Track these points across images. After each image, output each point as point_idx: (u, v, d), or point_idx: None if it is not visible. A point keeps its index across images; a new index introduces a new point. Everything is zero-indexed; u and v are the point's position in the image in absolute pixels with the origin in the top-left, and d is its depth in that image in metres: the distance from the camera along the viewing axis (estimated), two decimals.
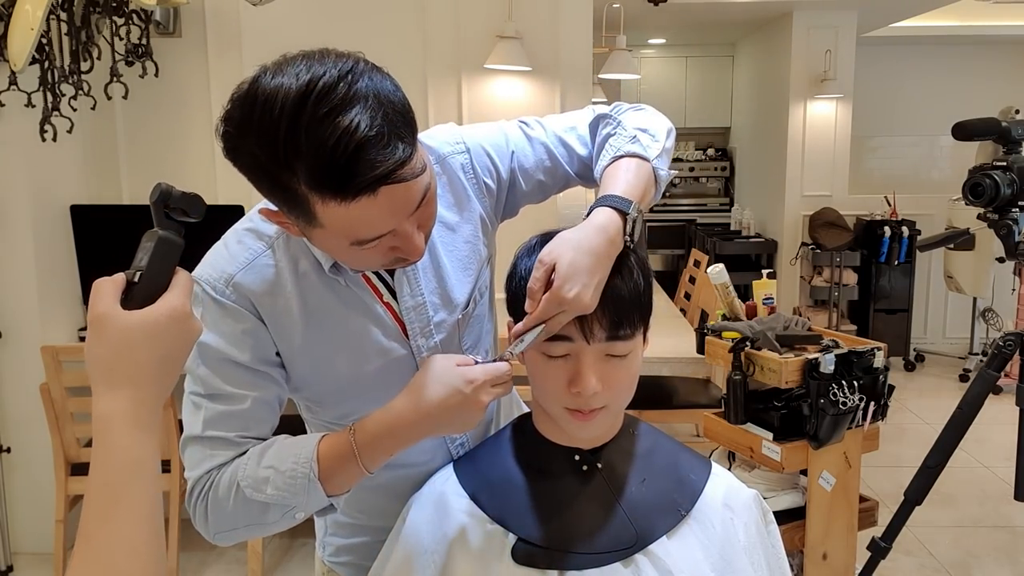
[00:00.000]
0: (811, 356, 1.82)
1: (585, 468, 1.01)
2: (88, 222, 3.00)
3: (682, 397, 3.24)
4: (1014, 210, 2.15)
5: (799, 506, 1.95)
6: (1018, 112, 4.47)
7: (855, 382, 1.82)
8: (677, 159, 7.35)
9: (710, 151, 7.47)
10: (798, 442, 1.86)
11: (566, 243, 0.90)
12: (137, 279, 0.70)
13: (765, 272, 2.11)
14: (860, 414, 1.86)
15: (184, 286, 0.72)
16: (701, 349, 2.05)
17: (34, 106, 2.63)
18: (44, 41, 2.59)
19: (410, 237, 0.87)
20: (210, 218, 0.77)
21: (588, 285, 0.88)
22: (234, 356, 0.96)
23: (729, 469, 1.62)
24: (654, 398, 3.15)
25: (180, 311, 0.70)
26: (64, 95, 2.69)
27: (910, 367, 5.41)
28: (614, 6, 3.97)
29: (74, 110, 2.74)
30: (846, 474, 1.93)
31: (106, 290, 0.69)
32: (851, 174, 5.59)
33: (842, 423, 1.82)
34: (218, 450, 0.95)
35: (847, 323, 5.50)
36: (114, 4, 2.72)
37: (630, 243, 0.95)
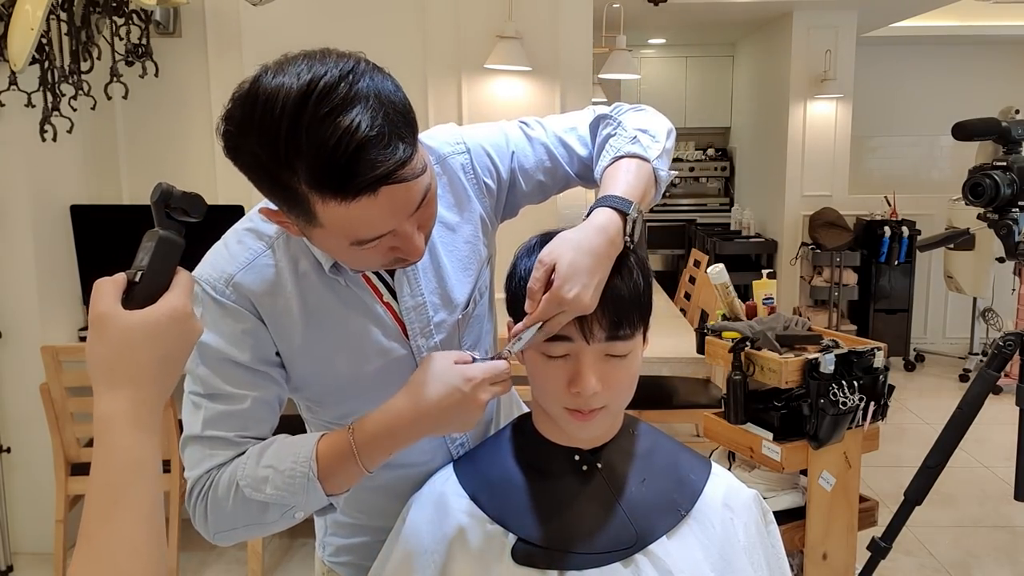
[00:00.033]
0: (811, 356, 1.82)
1: (585, 468, 1.01)
2: (88, 222, 3.00)
3: (682, 397, 3.23)
4: (1014, 210, 2.15)
5: (799, 506, 1.95)
6: (1018, 112, 4.47)
7: (855, 382, 1.82)
8: (677, 159, 7.35)
9: (710, 151, 7.47)
10: (798, 442, 1.86)
11: (566, 243, 0.90)
12: (138, 279, 0.70)
13: (765, 272, 2.11)
14: (860, 414, 1.86)
15: (185, 286, 0.72)
16: (701, 349, 2.05)
17: (34, 106, 2.63)
18: (44, 41, 2.59)
19: (410, 238, 0.87)
20: (210, 218, 0.77)
21: (588, 285, 0.88)
22: (234, 356, 0.95)
23: (729, 469, 1.62)
24: (654, 398, 3.15)
25: (181, 311, 0.70)
26: (64, 95, 2.69)
27: (910, 367, 5.41)
28: (614, 6, 3.97)
29: (74, 110, 2.74)
30: (846, 474, 1.93)
31: (107, 290, 0.69)
32: (851, 174, 5.59)
33: (842, 423, 1.82)
34: (217, 450, 0.95)
35: (847, 323, 5.50)
36: (114, 4, 2.72)
37: (630, 243, 0.95)
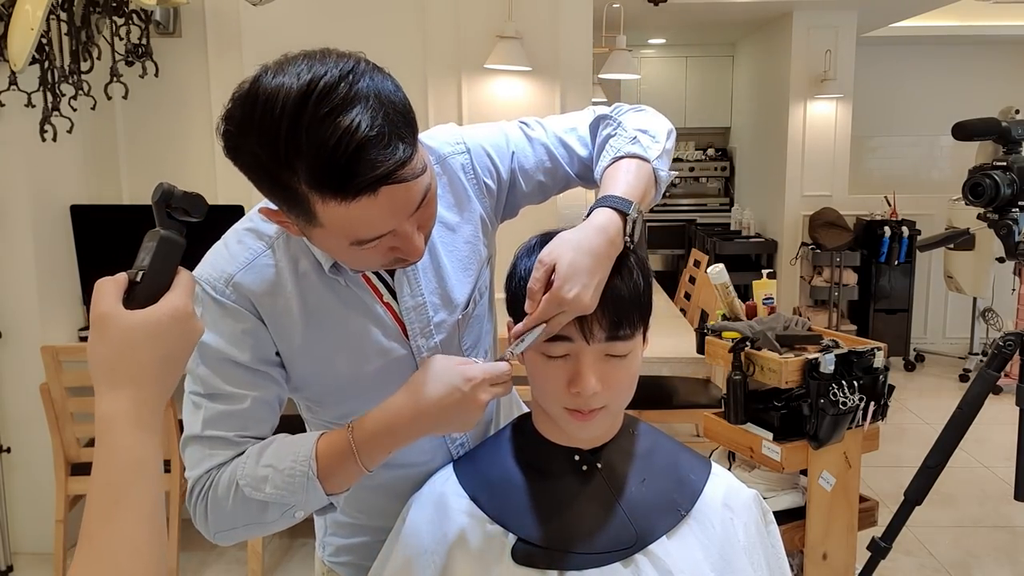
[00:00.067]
0: (811, 356, 1.82)
1: (585, 468, 1.01)
2: (88, 222, 3.00)
3: (682, 397, 3.23)
4: (1014, 210, 2.15)
5: (799, 506, 1.95)
6: (1018, 112, 4.47)
7: (855, 382, 1.82)
8: (677, 159, 7.35)
9: (710, 151, 7.47)
10: (798, 442, 1.86)
11: (566, 243, 0.90)
12: (139, 279, 0.70)
13: (765, 272, 2.11)
14: (860, 414, 1.86)
15: (186, 286, 0.72)
16: (701, 349, 2.05)
17: (34, 106, 2.64)
18: (44, 41, 2.59)
19: (410, 238, 0.87)
20: (210, 218, 0.77)
21: (588, 286, 0.88)
22: (234, 356, 0.96)
23: (729, 469, 1.62)
24: (654, 398, 3.15)
25: (182, 311, 0.70)
26: (64, 95, 2.70)
27: (910, 367, 5.41)
28: (614, 6, 3.97)
29: (74, 110, 2.75)
30: (846, 474, 1.93)
31: (108, 290, 0.69)
32: (851, 174, 5.59)
33: (842, 423, 1.82)
34: (217, 450, 0.95)
35: (847, 323, 5.50)
36: (114, 4, 2.72)
37: (630, 244, 0.95)
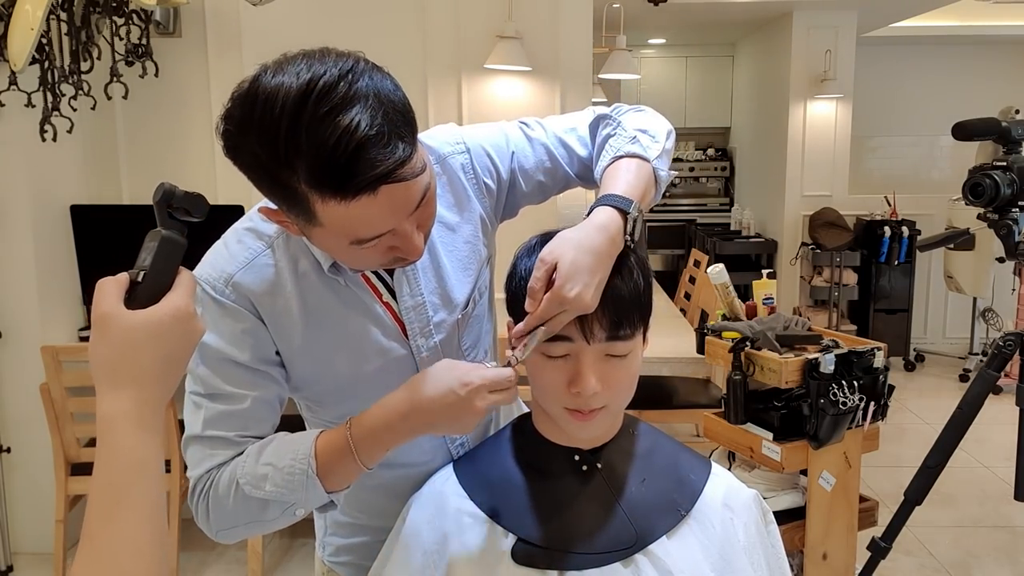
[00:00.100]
0: (811, 356, 1.82)
1: (585, 468, 1.01)
2: (88, 222, 3.00)
3: (682, 397, 3.23)
4: (1014, 210, 2.15)
5: (799, 506, 1.95)
6: (1018, 112, 4.47)
7: (855, 382, 1.82)
8: (677, 159, 7.35)
9: (710, 151, 7.47)
10: (798, 442, 1.86)
11: (567, 242, 0.90)
12: (141, 279, 0.70)
13: (765, 272, 2.11)
14: (860, 414, 1.86)
15: (187, 286, 0.72)
16: (701, 349, 2.05)
17: (34, 106, 2.64)
18: (44, 41, 2.59)
19: (409, 237, 0.87)
20: (210, 218, 0.77)
21: (589, 285, 0.88)
22: (234, 356, 0.96)
23: (729, 469, 1.62)
24: (654, 398, 3.15)
25: (184, 311, 0.70)
26: (64, 95, 2.70)
27: (910, 367, 5.41)
28: (614, 6, 3.97)
29: (74, 110, 2.75)
30: (846, 474, 1.93)
31: (110, 290, 0.69)
32: (851, 174, 5.59)
33: (842, 423, 1.82)
34: (218, 449, 0.96)
35: (847, 323, 5.50)
36: (114, 4, 2.72)
37: (631, 243, 0.94)
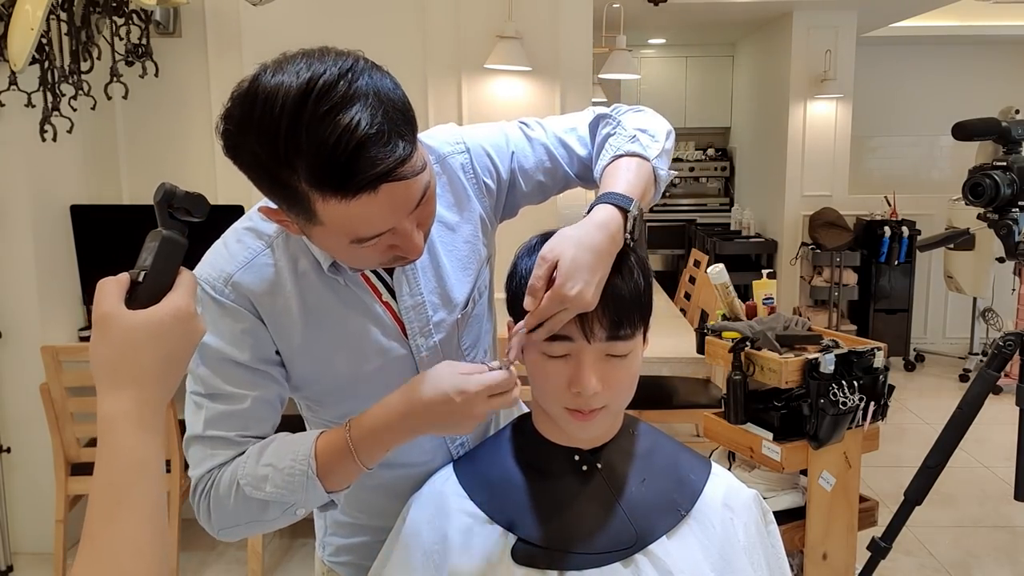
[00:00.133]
0: (811, 356, 1.82)
1: (585, 468, 1.01)
2: (88, 222, 3.00)
3: (682, 397, 3.23)
4: (1014, 210, 2.15)
5: (799, 506, 1.95)
6: (1018, 112, 4.47)
7: (855, 382, 1.82)
8: (677, 159, 7.34)
9: (710, 151, 7.47)
10: (798, 442, 1.86)
11: (568, 240, 0.90)
12: (141, 279, 0.70)
13: (765, 272, 2.11)
14: (860, 414, 1.86)
15: (188, 286, 0.72)
16: (701, 349, 2.05)
17: (34, 106, 2.64)
18: (44, 41, 2.59)
19: (409, 235, 0.87)
20: (210, 218, 0.77)
21: (590, 283, 0.88)
22: (233, 356, 0.96)
23: (729, 469, 1.62)
24: (654, 398, 3.15)
25: (184, 311, 0.70)
26: (64, 95, 2.70)
27: (910, 367, 5.41)
28: (614, 6, 3.97)
29: (74, 110, 2.75)
30: (846, 474, 1.93)
31: (110, 290, 0.69)
32: (851, 174, 5.59)
33: (842, 423, 1.82)
34: (219, 449, 0.96)
35: (847, 323, 5.50)
36: (114, 4, 2.72)
37: (630, 241, 0.94)
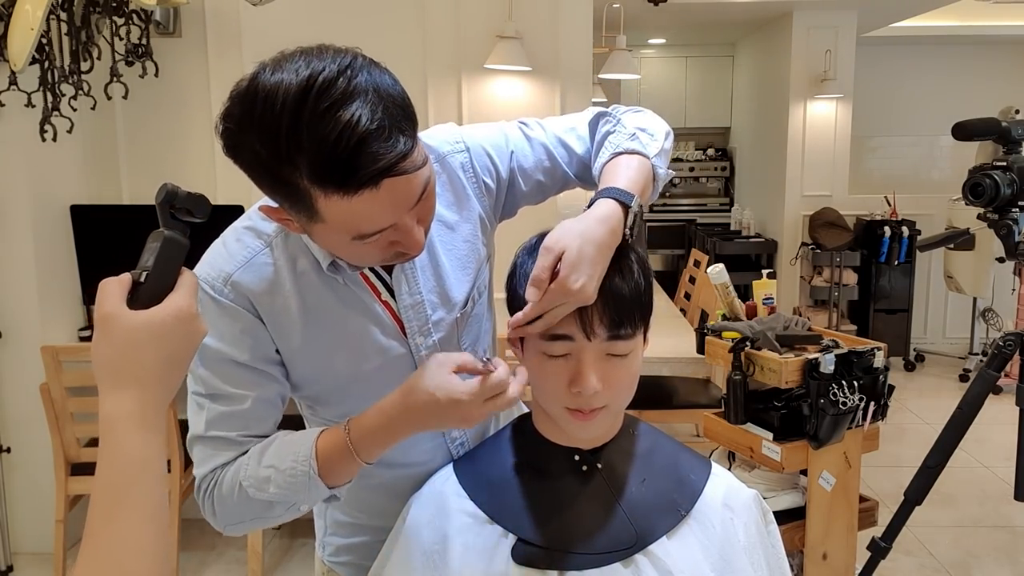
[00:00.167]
0: (811, 356, 1.82)
1: (585, 468, 1.01)
2: (88, 222, 3.00)
3: (682, 397, 3.23)
4: (1014, 210, 2.14)
5: (799, 506, 1.95)
6: (1018, 112, 4.47)
7: (855, 382, 1.82)
8: (677, 159, 7.35)
9: (710, 151, 7.47)
10: (798, 442, 1.86)
11: (571, 232, 0.90)
12: (143, 279, 0.70)
13: (765, 272, 2.10)
14: (860, 414, 1.86)
15: (190, 286, 0.72)
16: (701, 349, 2.05)
17: (34, 106, 2.63)
18: (44, 41, 2.59)
19: (410, 231, 0.88)
20: (211, 218, 0.77)
21: (593, 276, 0.89)
22: (233, 356, 0.96)
23: (729, 469, 1.62)
24: (654, 398, 3.15)
25: (186, 311, 0.70)
26: (64, 95, 2.69)
27: (910, 367, 5.40)
28: (614, 6, 3.97)
29: (74, 110, 2.74)
30: (846, 474, 1.93)
31: (112, 290, 0.69)
32: (851, 174, 5.59)
33: (842, 423, 1.82)
34: (221, 450, 0.97)
35: (847, 323, 5.50)
36: (114, 4, 2.72)
37: (629, 237, 0.95)
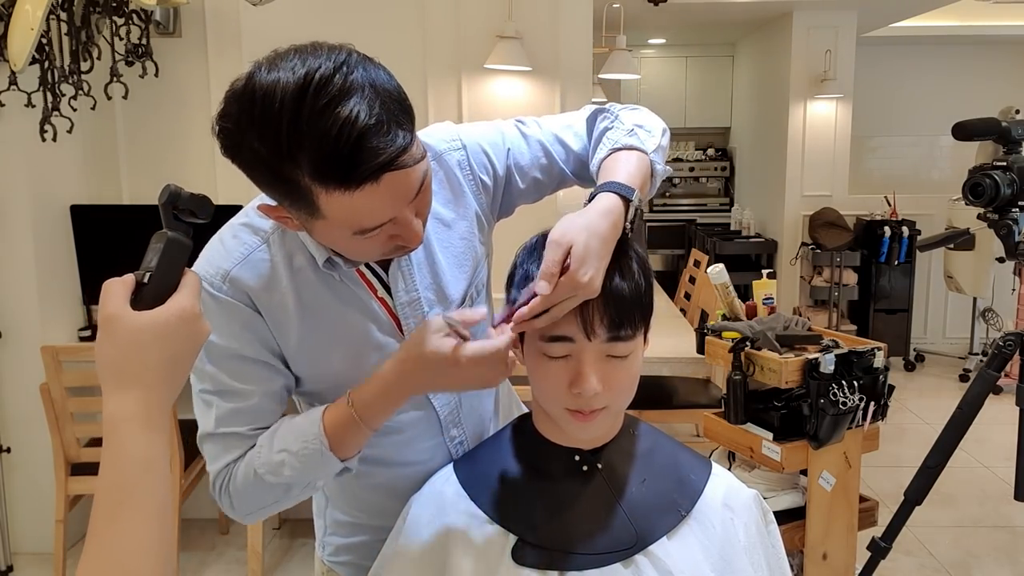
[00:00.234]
0: (811, 356, 1.82)
1: (585, 468, 1.01)
2: (88, 222, 3.00)
3: (682, 397, 3.23)
4: (1014, 210, 2.15)
5: (799, 506, 1.95)
6: (1018, 112, 4.46)
7: (855, 382, 1.82)
8: (677, 159, 7.35)
9: (710, 151, 7.47)
10: (798, 442, 1.86)
11: (577, 226, 0.90)
12: (147, 280, 0.70)
13: (765, 272, 2.11)
14: (860, 414, 1.86)
15: (193, 287, 0.72)
16: (701, 349, 2.05)
17: (34, 106, 2.63)
18: (44, 41, 2.58)
19: (410, 224, 0.88)
20: (213, 218, 0.78)
21: (600, 269, 0.89)
22: (237, 350, 0.97)
23: (729, 469, 1.61)
24: (654, 398, 3.15)
25: (189, 312, 0.70)
26: (64, 95, 2.69)
27: (910, 367, 5.40)
28: (614, 6, 3.97)
29: (74, 110, 2.74)
30: (846, 474, 1.93)
31: (116, 291, 0.69)
32: (851, 174, 5.59)
33: (842, 423, 1.82)
34: (232, 445, 0.99)
35: (847, 323, 5.50)
36: (114, 4, 2.72)
37: (630, 230, 0.95)
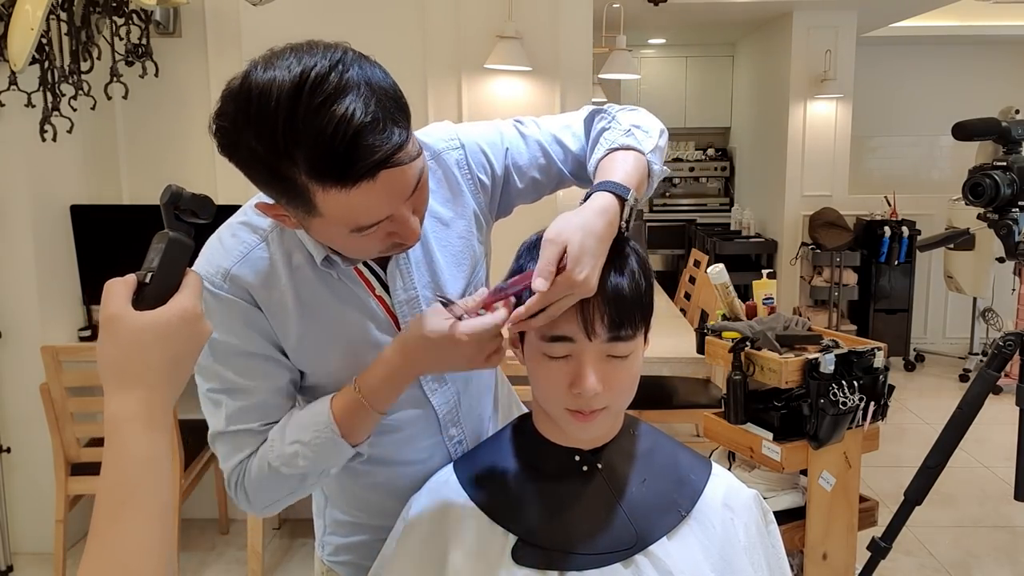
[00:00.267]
0: (811, 356, 1.82)
1: (585, 468, 1.01)
2: (88, 222, 3.00)
3: (682, 397, 3.23)
4: (1014, 210, 2.15)
5: (799, 506, 1.95)
6: (1018, 112, 4.47)
7: (855, 382, 1.82)
8: (677, 159, 7.35)
9: (710, 151, 7.47)
10: (798, 442, 1.86)
11: (572, 224, 0.90)
12: (148, 280, 0.71)
13: (765, 272, 2.11)
14: (860, 414, 1.86)
15: (195, 287, 0.72)
16: (701, 349, 2.05)
17: (34, 106, 2.63)
18: (44, 41, 2.58)
19: (407, 221, 0.88)
20: (214, 218, 0.78)
21: (595, 268, 0.89)
22: (244, 347, 0.97)
23: (729, 469, 1.62)
24: (654, 398, 3.15)
25: (191, 312, 0.70)
26: (64, 95, 2.69)
27: (910, 367, 5.40)
28: (614, 6, 3.97)
29: (74, 110, 2.74)
30: (846, 474, 1.93)
31: (118, 291, 0.69)
32: (851, 174, 5.59)
33: (842, 423, 1.82)
34: (244, 442, 1.00)
35: (847, 323, 5.50)
36: (114, 4, 2.72)
37: (625, 230, 0.95)
